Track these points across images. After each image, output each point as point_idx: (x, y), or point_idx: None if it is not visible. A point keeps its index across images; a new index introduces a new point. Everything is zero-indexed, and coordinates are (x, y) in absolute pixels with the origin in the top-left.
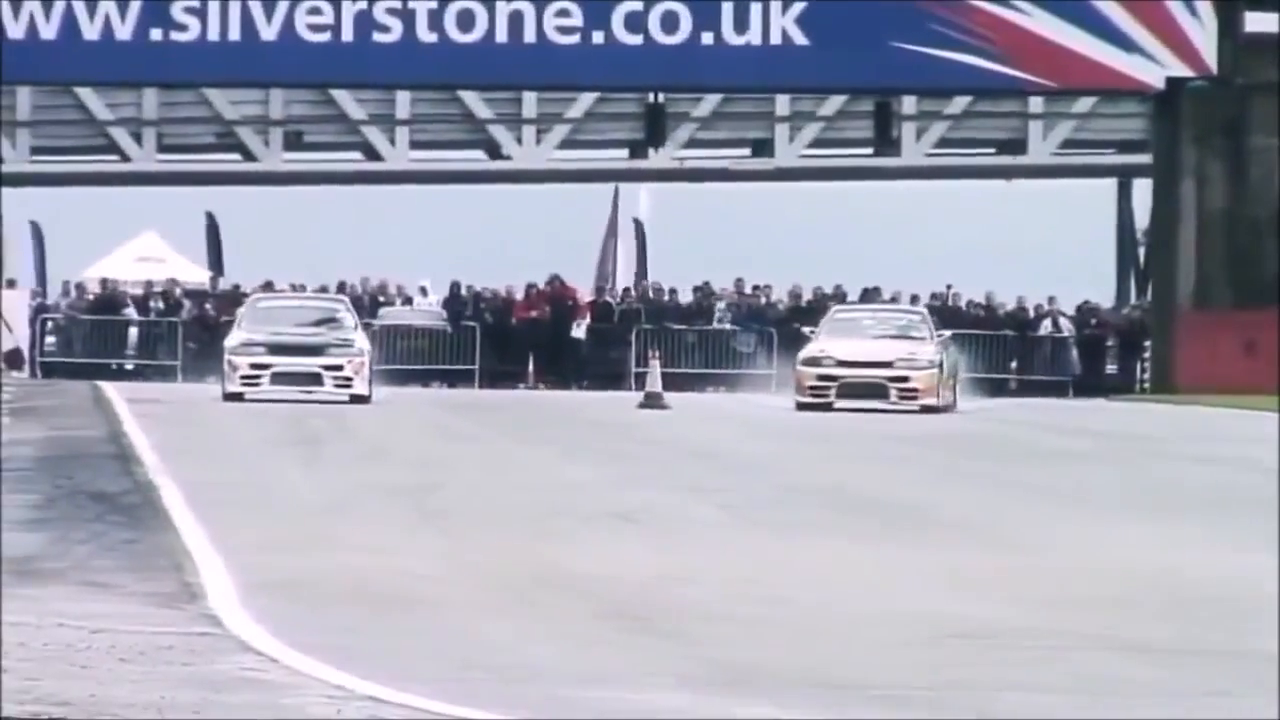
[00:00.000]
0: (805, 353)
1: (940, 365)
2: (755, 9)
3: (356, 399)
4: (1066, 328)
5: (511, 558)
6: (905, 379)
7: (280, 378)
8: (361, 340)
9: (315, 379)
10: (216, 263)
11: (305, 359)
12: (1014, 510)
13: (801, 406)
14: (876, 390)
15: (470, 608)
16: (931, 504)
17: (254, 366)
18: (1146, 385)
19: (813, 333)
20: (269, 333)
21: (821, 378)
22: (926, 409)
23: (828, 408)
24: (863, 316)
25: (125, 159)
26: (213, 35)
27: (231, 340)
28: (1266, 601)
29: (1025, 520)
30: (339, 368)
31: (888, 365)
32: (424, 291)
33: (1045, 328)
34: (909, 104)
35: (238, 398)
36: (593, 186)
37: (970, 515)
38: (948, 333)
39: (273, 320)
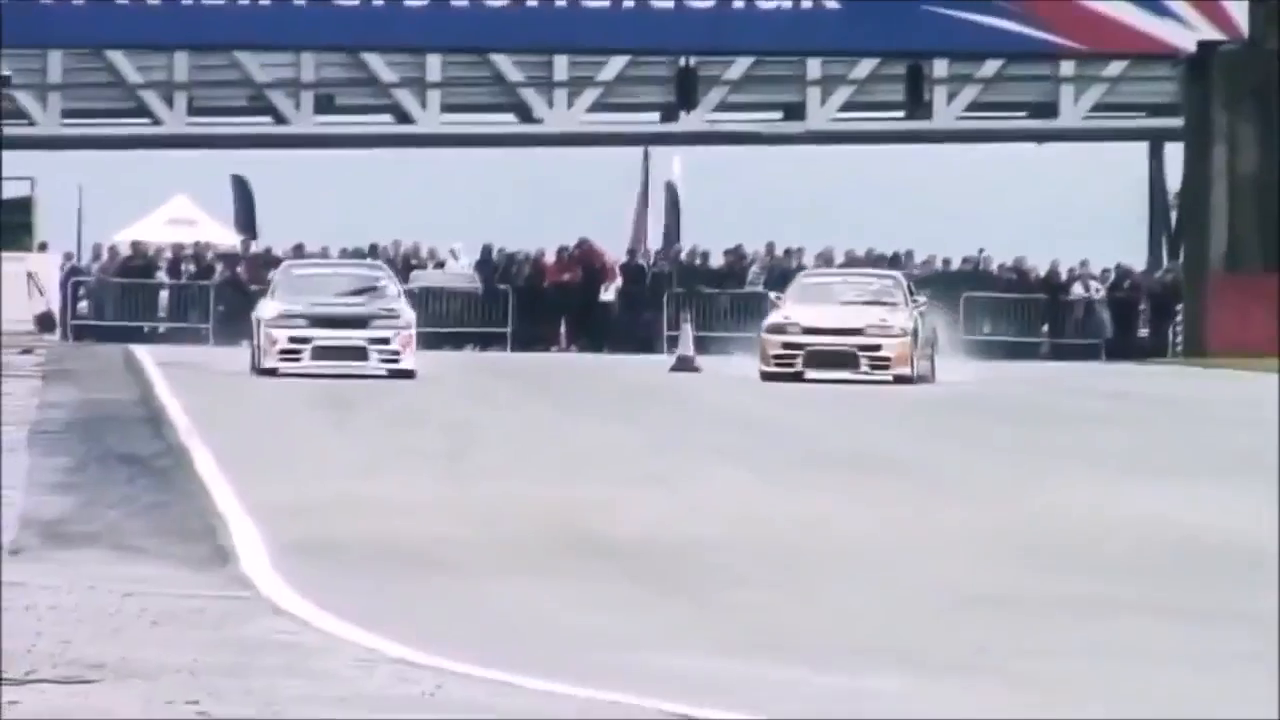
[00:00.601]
0: (770, 319)
1: (915, 333)
2: None
3: (401, 374)
4: (1098, 291)
5: (543, 521)
6: (877, 347)
7: (323, 352)
8: (407, 311)
9: (360, 353)
10: (248, 226)
11: (349, 332)
12: (1039, 474)
13: (766, 377)
14: (846, 359)
15: (501, 571)
16: (952, 468)
17: (293, 340)
18: (1179, 349)
19: (779, 298)
20: (309, 303)
21: (787, 346)
22: (900, 379)
23: (795, 378)
24: (833, 281)
25: (156, 122)
26: None
27: (266, 311)
28: None
29: (1045, 483)
30: (385, 340)
31: (858, 332)
32: (455, 255)
33: (1077, 291)
34: (940, 67)
35: (271, 373)
36: (623, 150)
37: (993, 479)
38: (923, 298)
39: (311, 289)
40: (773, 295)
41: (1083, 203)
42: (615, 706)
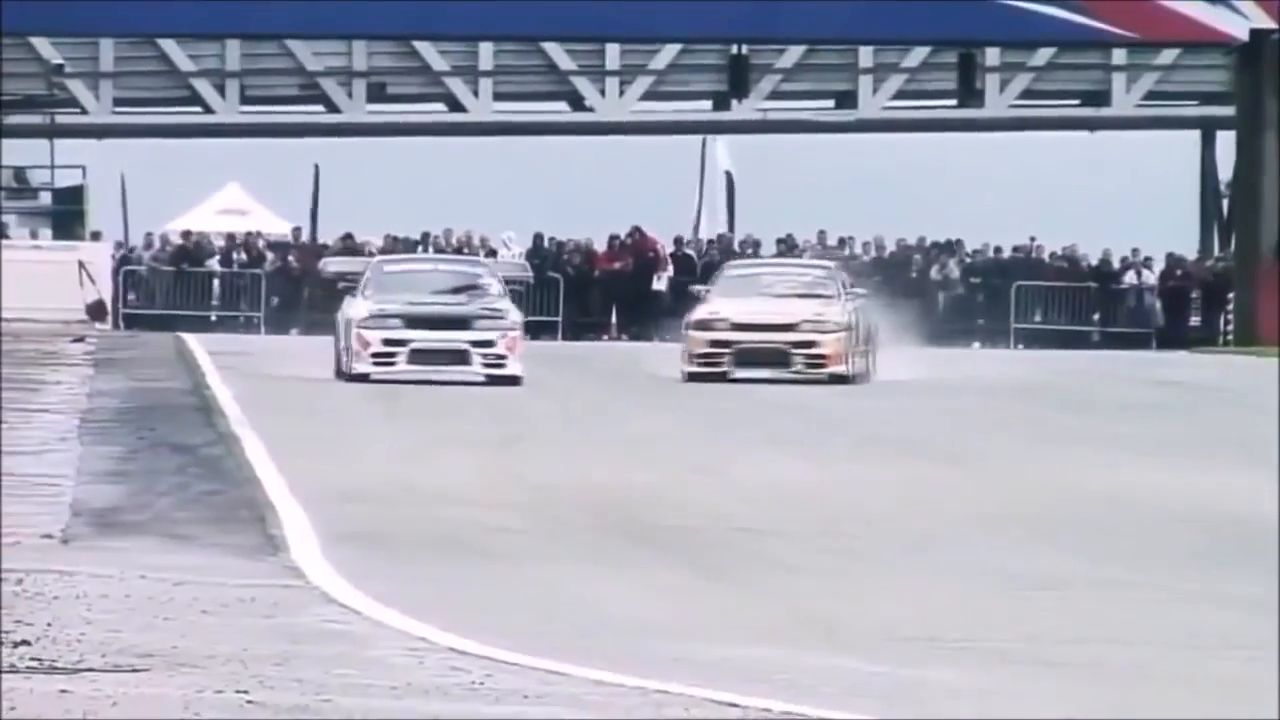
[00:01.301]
0: (694, 315)
1: (853, 328)
2: None
3: (504, 380)
4: (1149, 280)
5: (593, 510)
6: (811, 344)
7: (421, 356)
8: (514, 311)
9: (462, 357)
10: (314, 215)
11: (450, 333)
12: (1092, 461)
13: (691, 377)
14: (777, 358)
15: (551, 560)
16: (1001, 453)
17: (388, 343)
18: (1230, 338)
19: (704, 292)
20: (404, 302)
21: (714, 344)
22: (835, 378)
23: (722, 378)
24: (762, 273)
25: (208, 110)
26: None
27: (356, 310)
28: None
29: (1097, 469)
30: (489, 343)
31: (791, 328)
32: (507, 243)
33: (1128, 280)
34: (993, 56)
35: (362, 379)
36: (675, 138)
37: (1042, 466)
38: (862, 291)
39: (405, 287)
40: (696, 289)
41: (1134, 191)
42: (664, 696)
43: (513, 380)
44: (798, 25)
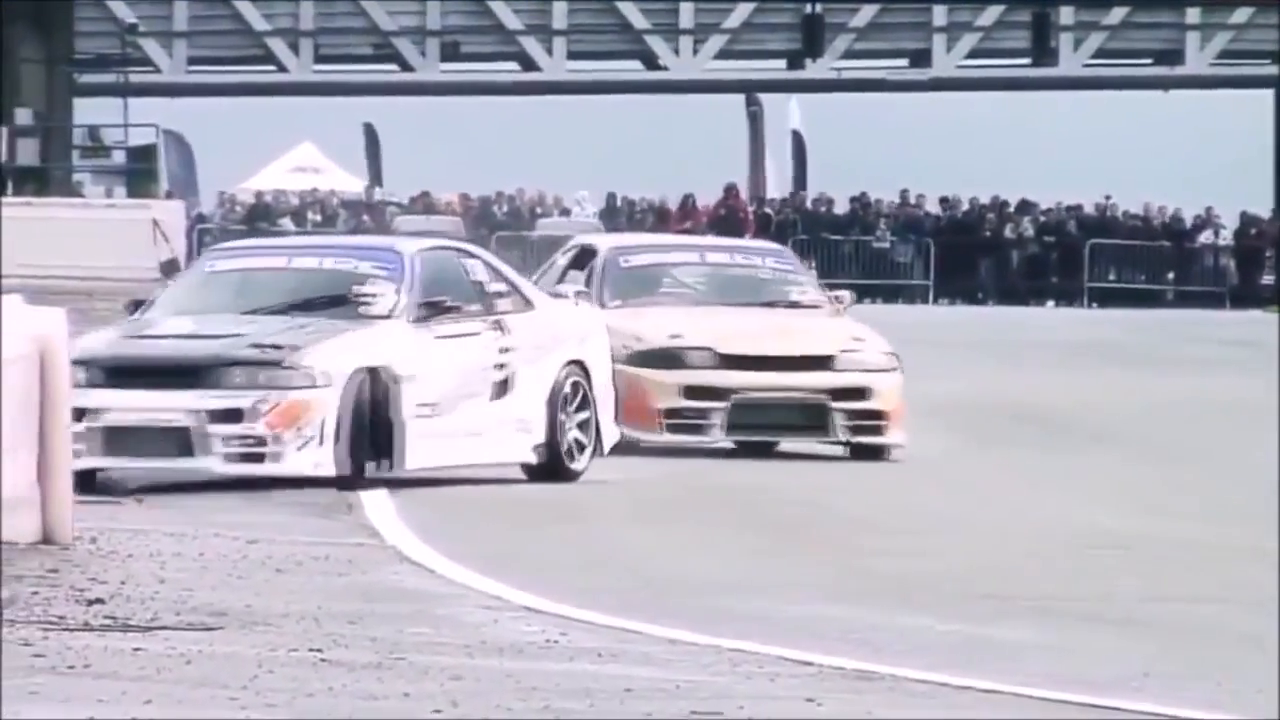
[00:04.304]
0: (638, 341)
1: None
2: None
3: (867, 452)
4: (1224, 239)
5: (667, 469)
6: (859, 392)
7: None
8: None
9: (181, 441)
10: (376, 174)
11: (168, 396)
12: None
13: (648, 449)
14: (809, 417)
15: (625, 519)
16: (1082, 418)
17: (693, 393)
18: None
19: (580, 293)
20: (140, 333)
21: (692, 391)
22: (869, 451)
23: (710, 451)
24: (680, 263)
25: (282, 69)
26: None
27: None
28: None
29: (1179, 433)
30: (235, 414)
31: (823, 364)
32: (581, 203)
33: (1203, 239)
34: (1066, 14)
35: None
36: (735, 97)
37: (1124, 429)
38: (847, 294)
39: (230, 294)
40: (568, 290)
41: (1208, 150)
42: (739, 654)
43: (876, 453)
44: None
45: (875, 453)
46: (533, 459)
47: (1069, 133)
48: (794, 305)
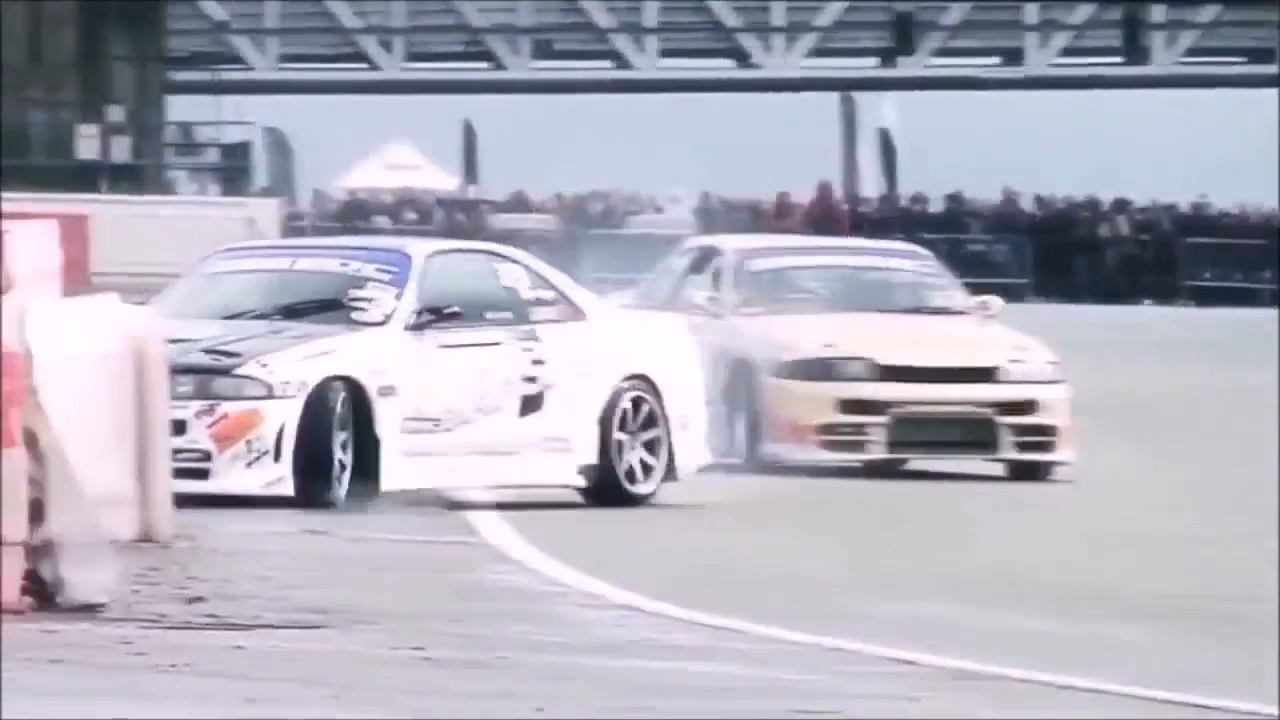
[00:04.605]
0: (785, 350)
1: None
2: None
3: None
4: None
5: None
6: (1026, 406)
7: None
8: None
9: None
10: (471, 172)
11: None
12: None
13: (793, 470)
14: (976, 433)
15: (739, 519)
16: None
17: (849, 408)
18: None
19: (710, 299)
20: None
21: (849, 405)
22: (1045, 471)
23: (869, 472)
24: (812, 266)
25: (374, 67)
26: None
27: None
28: None
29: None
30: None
31: (988, 376)
32: (674, 200)
33: None
34: (1158, 12)
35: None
36: (840, 95)
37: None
38: (995, 300)
39: (229, 297)
40: (699, 296)
41: None
42: (838, 654)
43: (1041, 471)
44: None
45: (1036, 472)
46: (579, 481)
47: (1163, 130)
48: (939, 311)
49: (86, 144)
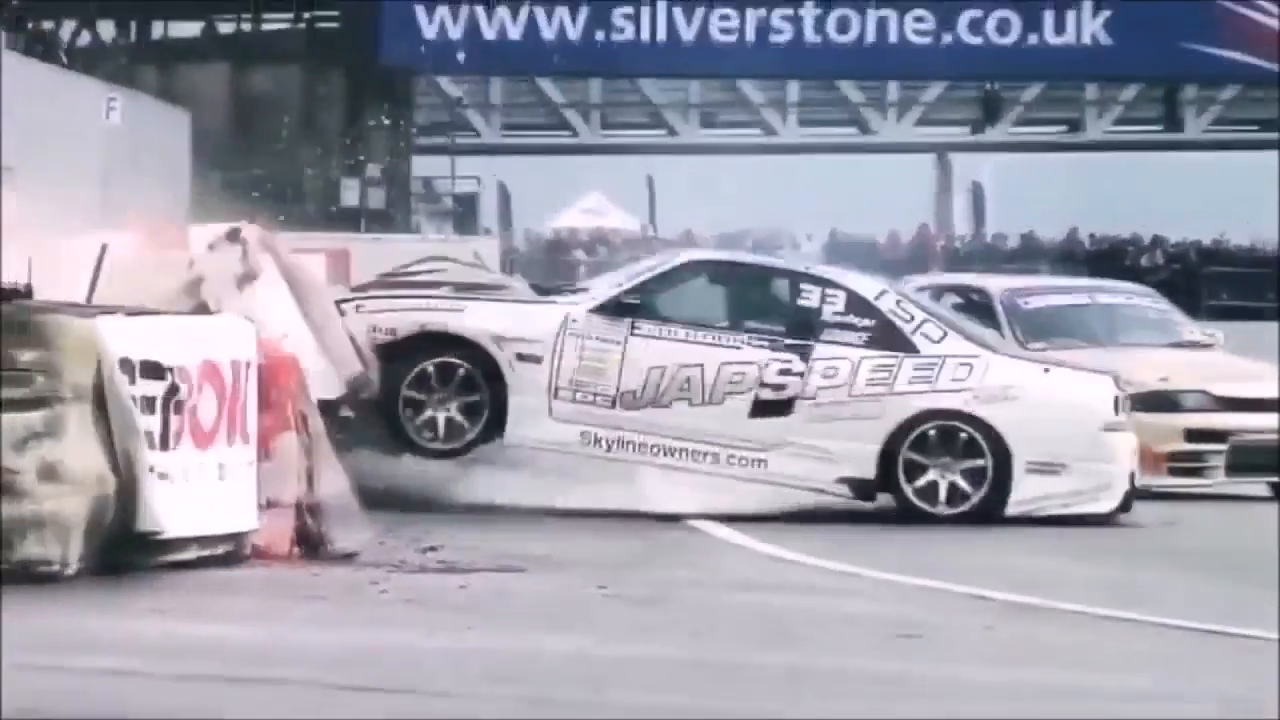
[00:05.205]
0: (1141, 382)
1: None
2: (1070, 16)
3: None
4: None
5: None
6: None
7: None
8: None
9: None
10: (651, 216)
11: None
12: None
13: (1143, 496)
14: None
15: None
16: None
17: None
18: None
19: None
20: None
21: (1193, 434)
22: None
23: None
24: (1076, 304)
25: (575, 134)
26: (644, 35)
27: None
28: None
29: None
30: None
31: None
32: (809, 237)
33: None
34: (1190, 91)
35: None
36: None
37: None
38: (1219, 333)
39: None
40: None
41: None
42: (931, 591)
43: None
44: (1038, 66)
45: None
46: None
47: (1192, 182)
48: (1194, 345)
49: (349, 194)
